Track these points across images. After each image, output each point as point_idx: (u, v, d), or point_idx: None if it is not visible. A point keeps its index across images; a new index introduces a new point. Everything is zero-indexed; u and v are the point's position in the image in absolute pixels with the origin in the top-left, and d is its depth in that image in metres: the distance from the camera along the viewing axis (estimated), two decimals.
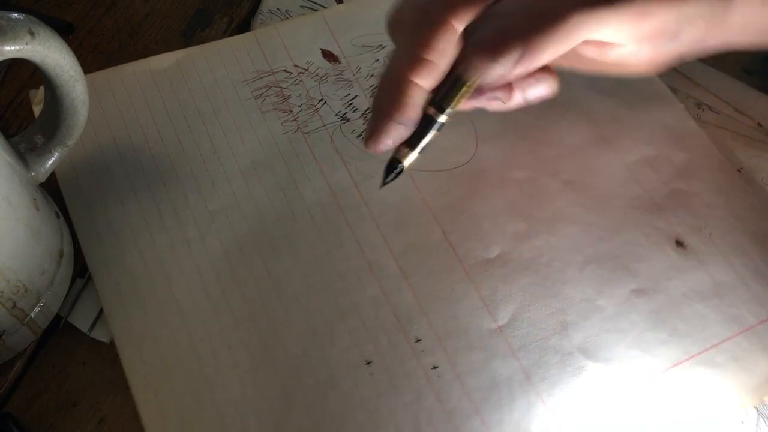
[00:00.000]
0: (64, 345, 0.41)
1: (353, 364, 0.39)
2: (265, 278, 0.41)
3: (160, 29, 0.54)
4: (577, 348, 0.39)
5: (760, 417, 0.38)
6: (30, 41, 0.34)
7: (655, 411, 0.38)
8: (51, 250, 0.40)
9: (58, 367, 0.40)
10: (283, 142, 0.47)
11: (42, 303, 0.40)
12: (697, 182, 0.46)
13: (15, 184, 0.37)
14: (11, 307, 0.38)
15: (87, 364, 0.41)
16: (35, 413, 0.39)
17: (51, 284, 0.40)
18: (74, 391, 0.40)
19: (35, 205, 0.39)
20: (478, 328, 0.40)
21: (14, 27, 0.34)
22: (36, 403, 0.39)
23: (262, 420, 0.37)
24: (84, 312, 0.41)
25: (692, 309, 0.41)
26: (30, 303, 0.39)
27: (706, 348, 0.40)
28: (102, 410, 0.39)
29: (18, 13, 0.34)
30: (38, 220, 0.38)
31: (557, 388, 0.38)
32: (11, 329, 0.39)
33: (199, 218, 0.44)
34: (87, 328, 0.41)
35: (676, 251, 0.43)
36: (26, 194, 0.38)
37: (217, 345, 0.39)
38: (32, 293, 0.39)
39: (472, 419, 0.37)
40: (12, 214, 0.36)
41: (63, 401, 0.39)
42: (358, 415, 0.37)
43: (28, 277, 0.38)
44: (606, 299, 0.41)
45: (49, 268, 0.39)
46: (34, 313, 0.39)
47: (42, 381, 0.40)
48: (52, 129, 0.40)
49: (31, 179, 0.40)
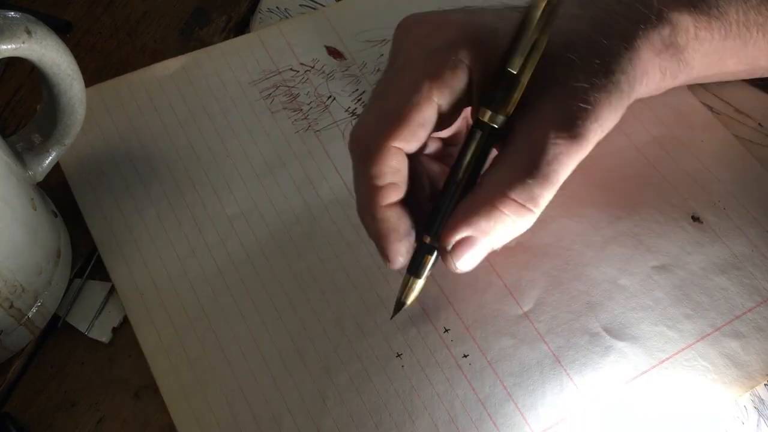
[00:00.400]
0: (63, 345, 0.41)
1: (384, 357, 0.39)
2: (290, 278, 0.42)
3: (158, 28, 0.53)
4: (603, 328, 0.40)
5: (760, 417, 0.38)
6: (27, 40, 0.34)
7: (684, 385, 0.38)
8: (48, 250, 0.40)
9: (56, 367, 0.40)
10: (296, 142, 0.47)
11: (39, 303, 0.40)
12: (706, 158, 0.46)
13: (12, 183, 0.37)
14: (8, 306, 0.37)
15: (85, 364, 0.40)
16: (34, 413, 0.39)
17: (49, 284, 0.40)
18: (72, 391, 0.40)
19: (32, 204, 0.38)
20: (505, 314, 0.40)
21: (11, 25, 0.34)
22: (34, 403, 0.39)
23: (297, 418, 0.38)
24: (82, 312, 0.41)
25: (713, 282, 0.41)
26: (27, 303, 0.39)
27: (730, 320, 0.40)
28: (100, 410, 0.39)
29: (15, 11, 0.34)
30: (35, 220, 0.38)
31: (587, 369, 0.39)
32: (8, 329, 0.38)
33: (218, 223, 0.44)
34: (85, 328, 0.41)
35: (693, 226, 0.43)
36: (23, 194, 0.38)
37: (246, 347, 0.40)
38: (30, 293, 0.39)
39: (506, 405, 0.38)
40: (9, 213, 0.36)
41: (61, 401, 0.39)
42: (393, 408, 0.38)
43: (26, 276, 0.38)
44: (628, 278, 0.41)
45: (46, 268, 0.39)
46: (31, 313, 0.39)
47: (40, 381, 0.40)
48: (50, 128, 0.40)
49: (29, 179, 0.40)
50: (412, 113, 0.33)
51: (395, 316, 0.39)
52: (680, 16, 0.38)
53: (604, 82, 0.34)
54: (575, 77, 0.33)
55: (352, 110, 0.48)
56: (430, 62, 0.33)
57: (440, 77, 0.33)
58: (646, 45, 0.36)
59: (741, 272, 0.42)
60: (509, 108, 0.33)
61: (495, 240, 0.35)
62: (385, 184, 0.34)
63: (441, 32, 0.34)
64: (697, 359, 0.39)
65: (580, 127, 0.33)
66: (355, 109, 0.48)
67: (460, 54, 0.33)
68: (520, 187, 0.33)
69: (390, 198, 0.34)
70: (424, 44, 0.34)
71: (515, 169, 0.33)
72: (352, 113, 0.48)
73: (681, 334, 0.40)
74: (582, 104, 0.33)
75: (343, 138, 0.47)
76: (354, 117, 0.48)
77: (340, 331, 0.40)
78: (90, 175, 0.45)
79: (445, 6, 0.53)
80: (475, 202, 0.34)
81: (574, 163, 0.34)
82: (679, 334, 0.40)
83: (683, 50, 0.39)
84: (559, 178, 0.34)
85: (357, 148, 0.35)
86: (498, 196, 0.33)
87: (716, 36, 0.40)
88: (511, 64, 0.32)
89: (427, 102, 0.33)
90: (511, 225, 0.34)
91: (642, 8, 0.37)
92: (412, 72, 0.34)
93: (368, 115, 0.35)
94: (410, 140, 0.33)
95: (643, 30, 0.36)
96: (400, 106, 0.33)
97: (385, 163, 0.33)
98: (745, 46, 0.42)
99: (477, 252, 0.35)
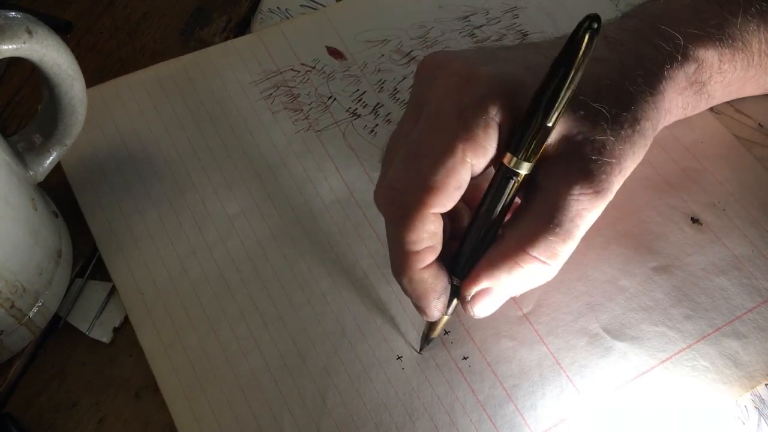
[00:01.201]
0: (63, 345, 0.41)
1: (385, 359, 0.39)
2: (291, 278, 0.42)
3: (159, 28, 0.53)
4: (603, 329, 0.40)
5: (761, 417, 0.38)
6: (28, 40, 0.34)
7: (684, 386, 0.39)
8: (49, 250, 0.40)
9: (57, 368, 0.40)
10: (297, 142, 0.47)
11: (40, 303, 0.40)
12: (706, 160, 0.46)
13: (13, 183, 0.37)
14: (9, 307, 0.37)
15: (86, 364, 0.40)
16: (34, 413, 0.39)
17: (49, 284, 0.40)
18: (73, 391, 0.40)
19: (33, 204, 0.39)
20: (504, 316, 0.40)
21: (12, 26, 0.34)
22: (35, 404, 0.39)
23: (298, 418, 0.38)
24: (83, 312, 0.42)
25: (713, 283, 0.41)
26: (28, 303, 0.39)
27: (731, 320, 0.40)
28: (101, 410, 0.39)
29: (16, 11, 0.34)
30: (36, 220, 0.38)
31: (587, 370, 0.39)
32: (9, 329, 0.38)
33: (218, 222, 0.44)
34: (86, 328, 0.41)
35: (693, 227, 0.43)
36: (24, 194, 0.38)
37: (247, 347, 0.40)
38: (30, 293, 0.39)
39: (506, 406, 0.38)
40: (10, 213, 0.36)
41: (62, 401, 0.39)
42: (393, 409, 0.38)
43: (27, 276, 0.38)
44: (628, 279, 0.41)
45: (47, 268, 0.39)
46: (32, 313, 0.39)
47: (41, 381, 0.40)
48: (50, 128, 0.40)
49: (30, 179, 0.40)
50: (448, 179, 0.33)
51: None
52: (706, 52, 0.38)
53: (629, 132, 0.34)
54: (601, 128, 0.33)
55: (353, 110, 0.48)
56: (462, 121, 0.33)
57: (473, 138, 0.32)
58: (671, 86, 0.37)
59: (741, 273, 0.42)
60: (539, 155, 0.33)
61: (513, 291, 0.35)
62: (423, 248, 0.34)
63: (470, 87, 0.33)
64: (697, 359, 0.39)
65: (605, 181, 0.33)
66: (356, 109, 0.48)
67: (491, 112, 0.32)
68: (542, 243, 0.33)
69: (426, 261, 0.34)
70: (454, 100, 0.33)
71: (537, 224, 0.33)
72: (353, 113, 0.48)
73: (681, 335, 0.40)
74: (607, 158, 0.33)
75: (343, 138, 0.47)
76: (354, 117, 0.48)
77: (341, 332, 0.40)
78: (91, 175, 0.45)
79: (445, 4, 0.53)
80: (497, 256, 0.34)
81: (596, 216, 0.34)
82: (680, 335, 0.40)
83: (706, 84, 0.39)
84: (580, 233, 0.34)
85: (392, 211, 0.34)
86: (520, 252, 0.34)
87: (739, 67, 0.40)
88: (550, 119, 0.31)
89: (462, 165, 0.32)
90: (531, 279, 0.35)
91: (668, 47, 0.37)
92: (445, 132, 0.33)
93: (401, 175, 0.34)
94: (447, 204, 0.33)
95: (668, 70, 0.37)
96: (436, 170, 0.33)
97: (423, 229, 0.33)
98: (766, 73, 0.42)
99: (495, 302, 0.36)
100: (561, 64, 0.30)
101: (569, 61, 0.30)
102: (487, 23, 0.52)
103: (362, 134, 0.47)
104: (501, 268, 0.34)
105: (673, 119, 0.40)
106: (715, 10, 0.40)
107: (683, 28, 0.38)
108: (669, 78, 0.37)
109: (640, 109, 0.35)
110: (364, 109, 0.48)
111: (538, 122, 0.31)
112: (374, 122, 0.47)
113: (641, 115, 0.35)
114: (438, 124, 0.33)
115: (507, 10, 0.53)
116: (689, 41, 0.38)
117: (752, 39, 0.40)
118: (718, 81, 0.40)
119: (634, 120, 0.34)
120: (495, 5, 0.53)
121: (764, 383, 0.39)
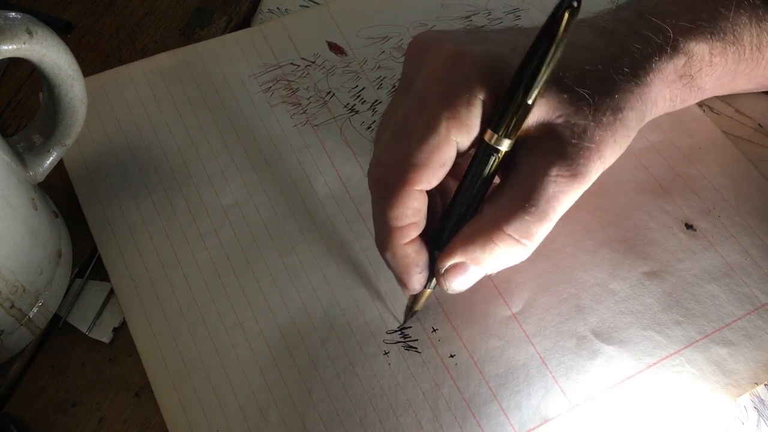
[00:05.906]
0: (63, 345, 0.41)
1: (371, 354, 0.39)
2: (281, 271, 0.42)
3: (159, 28, 0.54)
4: (591, 332, 0.40)
5: (760, 418, 0.38)
6: (28, 40, 0.34)
7: (670, 391, 0.38)
8: (49, 250, 0.40)
9: (57, 367, 0.40)
10: (294, 135, 0.47)
11: (40, 303, 0.40)
12: (703, 166, 0.46)
13: (13, 183, 0.37)
14: (9, 307, 0.38)
15: (86, 364, 0.40)
16: (34, 413, 0.39)
17: (49, 284, 0.40)
18: (73, 391, 0.40)
19: (33, 204, 0.39)
20: (493, 315, 0.40)
21: (12, 26, 0.34)
22: (35, 404, 0.39)
23: (283, 411, 0.38)
24: (83, 312, 0.42)
25: (704, 289, 0.41)
26: (28, 303, 0.39)
27: (720, 327, 0.40)
28: (101, 410, 0.39)
29: (16, 12, 0.34)
30: (36, 220, 0.39)
31: (573, 372, 0.39)
32: (9, 329, 0.38)
33: (212, 213, 0.44)
34: (86, 328, 0.41)
35: (686, 233, 0.43)
36: (24, 194, 0.38)
37: (236, 338, 0.40)
38: (30, 293, 0.39)
39: (490, 405, 0.38)
40: (10, 213, 0.36)
41: (62, 401, 0.39)
42: (378, 404, 0.38)
43: (27, 276, 0.38)
44: (619, 282, 0.41)
45: (47, 268, 0.40)
46: (32, 313, 0.39)
47: (41, 381, 0.40)
48: (51, 128, 0.40)
49: (30, 179, 0.40)
50: (432, 156, 0.33)
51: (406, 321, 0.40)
52: (697, 45, 0.38)
53: (611, 120, 0.34)
54: (583, 113, 0.33)
55: (351, 106, 0.48)
56: (446, 100, 0.33)
57: (457, 116, 0.33)
58: (659, 78, 0.37)
59: (732, 280, 0.42)
60: (519, 133, 0.33)
61: (487, 269, 0.35)
62: (406, 224, 0.34)
63: (457, 66, 0.33)
64: (684, 365, 0.39)
65: (582, 165, 0.33)
66: (354, 105, 0.48)
67: (475, 90, 0.32)
68: (518, 222, 0.33)
69: (410, 236, 0.35)
70: (440, 78, 0.34)
71: (514, 203, 0.34)
72: (351, 109, 0.48)
73: (669, 340, 0.40)
74: (586, 143, 0.33)
75: (340, 134, 0.47)
76: (352, 113, 0.48)
77: (329, 327, 0.40)
78: (91, 175, 0.46)
79: (447, 3, 0.53)
80: (473, 231, 0.34)
81: (572, 200, 0.34)
82: (668, 340, 0.40)
83: (696, 77, 0.39)
84: (556, 215, 0.34)
85: (378, 189, 0.35)
86: (495, 229, 0.34)
87: (730, 60, 0.40)
88: (530, 97, 0.31)
89: (446, 142, 0.33)
90: (505, 257, 0.35)
91: (658, 39, 0.37)
92: (430, 110, 0.33)
93: (387, 153, 0.34)
94: (431, 181, 0.34)
95: (657, 62, 0.37)
96: (420, 148, 0.33)
97: (407, 206, 0.34)
98: (757, 67, 0.42)
99: (468, 277, 0.36)
100: (541, 42, 0.30)
101: (549, 38, 0.30)
102: (488, 23, 0.52)
103: (359, 130, 0.47)
104: (475, 244, 0.34)
105: (661, 112, 0.39)
106: (708, 3, 0.40)
107: (674, 20, 0.38)
108: (657, 70, 0.36)
109: (624, 98, 0.35)
110: (362, 106, 0.48)
111: (519, 99, 0.31)
112: (371, 119, 0.48)
113: (624, 105, 0.35)
114: (423, 103, 0.34)
115: (509, 11, 0.53)
116: (680, 34, 0.38)
117: (744, 33, 0.40)
118: (708, 74, 0.40)
119: (616, 108, 0.34)
120: (497, 6, 0.53)
121: (764, 383, 0.39)
